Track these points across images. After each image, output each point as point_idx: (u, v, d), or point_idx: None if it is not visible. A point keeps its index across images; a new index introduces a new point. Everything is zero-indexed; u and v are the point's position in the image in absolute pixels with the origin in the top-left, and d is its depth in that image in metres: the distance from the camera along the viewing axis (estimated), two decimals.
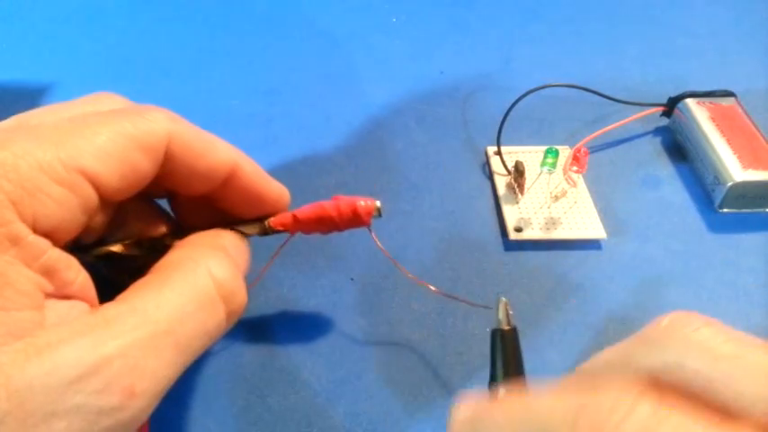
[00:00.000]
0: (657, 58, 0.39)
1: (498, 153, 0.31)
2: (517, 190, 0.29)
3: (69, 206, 0.15)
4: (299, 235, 0.23)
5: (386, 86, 0.36)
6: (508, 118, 0.31)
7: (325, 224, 0.22)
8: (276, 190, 0.21)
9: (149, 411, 0.16)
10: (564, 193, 0.29)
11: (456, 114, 0.35)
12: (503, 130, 0.31)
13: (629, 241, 0.28)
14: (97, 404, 0.14)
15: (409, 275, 0.24)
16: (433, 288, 0.24)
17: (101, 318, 0.15)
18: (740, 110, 0.32)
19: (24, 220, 0.14)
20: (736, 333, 0.14)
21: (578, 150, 0.28)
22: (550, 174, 0.28)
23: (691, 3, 0.43)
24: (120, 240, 0.20)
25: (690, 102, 0.32)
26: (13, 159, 0.15)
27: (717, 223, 0.29)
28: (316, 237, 0.23)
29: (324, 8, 0.43)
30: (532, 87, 0.31)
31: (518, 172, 0.29)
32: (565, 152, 0.30)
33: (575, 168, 0.28)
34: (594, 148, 0.32)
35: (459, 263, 0.27)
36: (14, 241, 0.14)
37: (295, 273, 0.26)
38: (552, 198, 0.29)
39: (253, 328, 0.25)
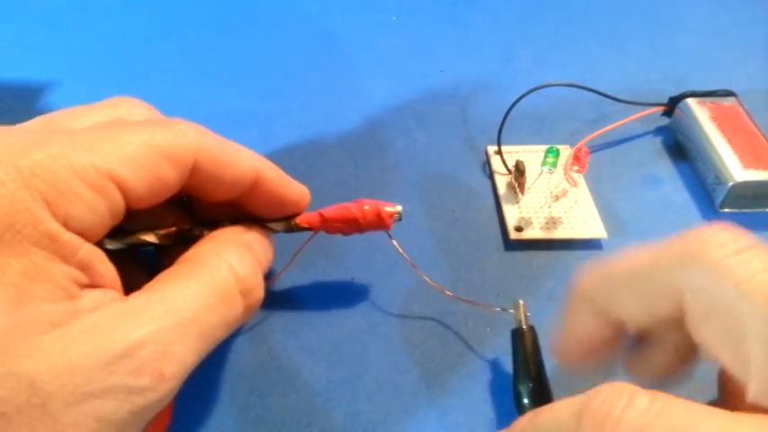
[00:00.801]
0: (658, 58, 0.39)
1: (499, 152, 0.31)
2: (518, 189, 0.29)
3: (98, 210, 0.16)
4: (299, 235, 0.23)
5: (386, 85, 0.36)
6: (509, 117, 0.31)
7: (348, 225, 0.23)
8: (297, 192, 0.22)
9: (174, 393, 0.17)
10: (564, 193, 0.29)
11: (456, 113, 0.35)
12: (503, 130, 0.31)
13: (630, 241, 0.28)
14: (130, 385, 0.15)
15: (429, 281, 0.25)
16: (449, 293, 0.25)
17: (131, 305, 0.16)
18: (741, 110, 0.32)
19: (57, 220, 0.15)
20: None
21: (579, 150, 0.28)
22: (551, 173, 0.28)
23: (691, 2, 0.43)
24: (152, 230, 0.20)
25: (691, 101, 0.32)
26: (49, 161, 0.15)
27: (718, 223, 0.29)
28: (316, 237, 0.24)
29: (324, 7, 0.43)
30: (533, 87, 0.31)
31: (518, 171, 0.29)
32: (565, 152, 0.30)
33: (575, 168, 0.28)
34: (595, 148, 0.32)
35: (460, 262, 0.27)
36: (52, 239, 0.15)
37: (295, 272, 0.26)
38: (553, 198, 0.29)
39: (253, 328, 0.25)
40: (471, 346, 0.24)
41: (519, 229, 0.28)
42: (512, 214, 0.29)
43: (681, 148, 0.32)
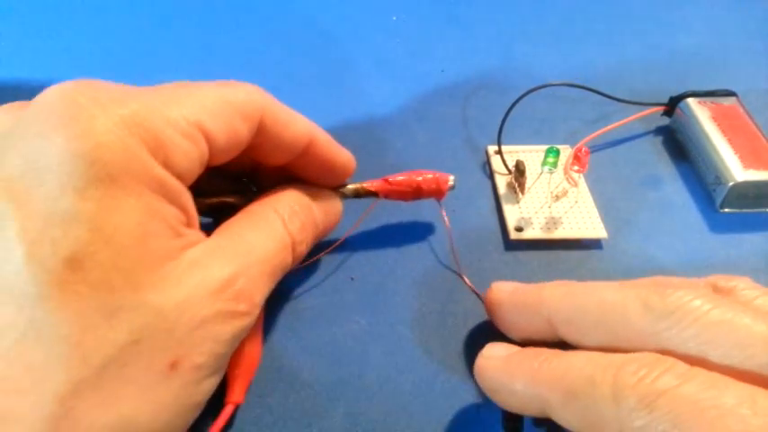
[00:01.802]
0: (658, 58, 0.39)
1: (499, 152, 0.31)
2: (518, 189, 0.29)
3: (191, 158, 0.17)
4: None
5: (386, 85, 0.36)
6: (509, 117, 0.31)
7: (410, 191, 0.25)
8: (345, 157, 0.24)
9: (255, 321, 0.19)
10: (565, 193, 0.29)
11: (456, 113, 0.35)
12: (503, 130, 0.31)
13: (630, 241, 0.28)
14: (233, 310, 0.17)
15: (467, 282, 0.26)
16: (468, 282, 0.26)
17: (218, 244, 0.18)
18: (741, 109, 0.32)
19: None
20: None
21: (579, 150, 0.28)
22: (551, 173, 0.28)
23: (691, 2, 0.43)
24: (233, 193, 0.23)
25: (691, 101, 0.32)
26: (145, 111, 0.16)
27: (718, 223, 0.29)
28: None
29: (323, 6, 0.43)
30: (533, 86, 0.31)
31: (519, 171, 0.29)
32: (566, 151, 0.30)
33: (576, 168, 0.28)
34: (595, 148, 0.32)
35: (460, 262, 0.27)
36: (161, 183, 0.16)
37: (295, 272, 0.26)
38: (553, 198, 0.29)
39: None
40: (471, 346, 0.24)
41: (519, 229, 0.28)
42: (512, 214, 0.29)
43: (681, 147, 0.32)
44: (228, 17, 0.42)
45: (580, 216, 0.28)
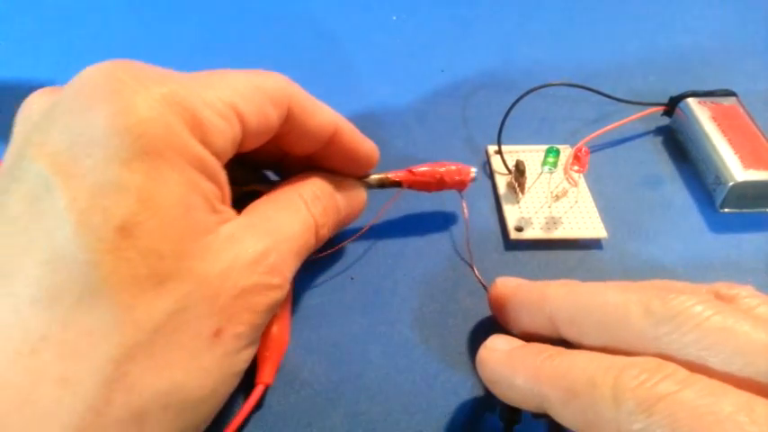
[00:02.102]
0: (658, 58, 0.39)
1: (499, 152, 0.31)
2: (518, 189, 0.29)
3: (226, 137, 0.18)
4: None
5: (386, 85, 0.36)
6: (509, 117, 0.31)
7: (433, 182, 0.26)
8: (369, 147, 0.24)
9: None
10: (565, 193, 0.29)
11: (456, 113, 0.35)
12: (503, 129, 0.31)
13: (630, 241, 0.28)
14: (267, 282, 0.18)
15: (477, 274, 0.26)
16: (477, 274, 0.26)
17: (250, 221, 0.19)
18: (741, 110, 0.32)
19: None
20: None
21: (579, 150, 0.28)
22: (551, 173, 0.28)
23: (691, 2, 0.43)
24: (263, 183, 0.24)
25: (691, 101, 0.32)
26: (184, 92, 0.17)
27: (718, 223, 0.29)
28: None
29: (323, 6, 0.43)
30: (533, 86, 0.31)
31: (519, 171, 0.29)
32: (566, 151, 0.30)
33: (576, 168, 0.28)
34: (595, 148, 0.32)
35: (460, 262, 0.27)
36: (200, 160, 0.17)
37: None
38: (553, 197, 0.29)
39: None
40: (471, 346, 0.24)
41: (519, 229, 0.28)
42: (512, 214, 0.29)
43: (681, 147, 0.32)
44: (228, 17, 0.42)
45: (580, 216, 0.28)
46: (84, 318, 0.15)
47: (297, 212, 0.21)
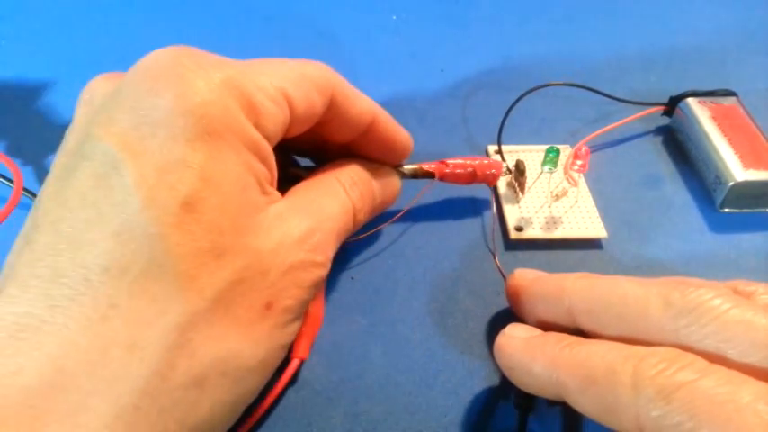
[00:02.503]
0: (659, 57, 0.39)
1: (499, 152, 0.31)
2: (518, 189, 0.29)
3: (277, 121, 0.19)
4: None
5: (386, 85, 0.36)
6: (509, 117, 0.31)
7: (465, 175, 0.26)
8: (405, 136, 0.25)
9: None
10: (565, 193, 0.29)
11: (457, 113, 0.35)
12: (504, 129, 0.31)
13: (630, 241, 0.28)
14: (312, 259, 0.19)
15: (497, 264, 0.27)
16: (499, 265, 0.26)
17: (294, 203, 0.20)
18: (741, 109, 0.32)
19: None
20: None
21: (579, 149, 0.28)
22: (551, 173, 0.28)
23: (691, 2, 0.43)
24: (302, 169, 0.24)
25: (691, 101, 0.32)
26: (239, 77, 0.18)
27: (718, 223, 0.29)
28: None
29: (323, 6, 0.43)
30: (533, 86, 0.31)
31: (519, 171, 0.29)
32: (566, 151, 0.30)
33: (576, 168, 0.28)
34: (595, 148, 0.32)
35: (459, 262, 0.27)
36: (254, 143, 0.18)
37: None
38: (553, 197, 0.29)
39: None
40: (471, 346, 0.24)
41: (519, 228, 0.28)
42: (512, 214, 0.29)
43: (681, 147, 0.32)
44: (229, 17, 0.42)
45: (580, 216, 0.28)
46: (150, 287, 0.15)
47: (336, 196, 0.22)
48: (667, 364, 0.15)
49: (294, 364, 0.22)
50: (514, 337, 0.20)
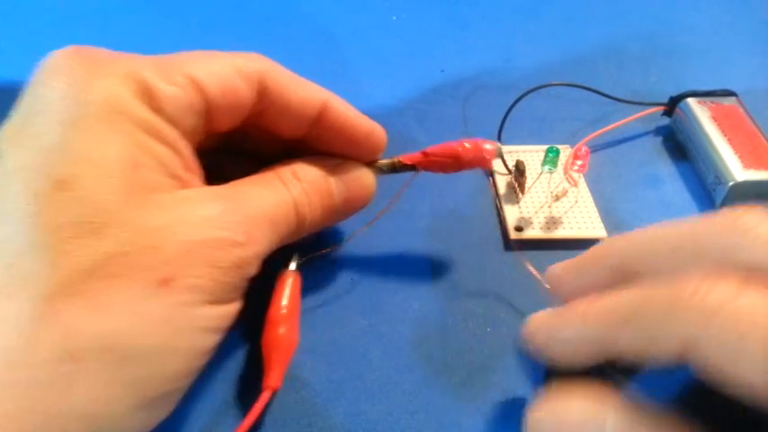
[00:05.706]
0: (658, 58, 0.39)
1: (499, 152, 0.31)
2: (518, 189, 0.29)
3: (178, 104, 0.19)
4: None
5: (386, 85, 0.36)
6: (509, 117, 0.31)
7: (450, 162, 0.24)
8: (367, 126, 0.24)
9: (258, 265, 0.20)
10: (565, 193, 0.29)
11: (457, 113, 0.35)
12: (503, 129, 0.31)
13: None
14: (228, 237, 0.18)
15: (531, 269, 0.24)
16: (530, 267, 0.25)
17: (214, 191, 0.20)
18: (741, 109, 0.32)
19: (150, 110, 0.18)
20: None
21: (579, 149, 0.28)
22: (551, 173, 0.28)
23: (691, 2, 0.43)
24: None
25: (691, 101, 0.32)
26: (134, 66, 0.18)
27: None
28: (313, 237, 0.24)
29: (323, 6, 0.43)
30: (533, 86, 0.31)
31: (519, 171, 0.29)
32: (566, 151, 0.30)
33: (576, 167, 0.28)
34: (595, 148, 0.32)
35: (459, 262, 0.27)
36: (147, 123, 0.18)
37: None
38: (553, 197, 0.29)
39: (253, 329, 0.24)
40: (471, 345, 0.24)
41: (519, 228, 0.28)
42: (512, 214, 0.29)
43: (681, 147, 0.32)
44: (228, 17, 0.42)
45: (580, 216, 0.28)
46: (23, 263, 0.16)
47: (270, 187, 0.21)
48: (709, 284, 0.14)
49: (265, 395, 0.20)
50: (538, 316, 0.19)
